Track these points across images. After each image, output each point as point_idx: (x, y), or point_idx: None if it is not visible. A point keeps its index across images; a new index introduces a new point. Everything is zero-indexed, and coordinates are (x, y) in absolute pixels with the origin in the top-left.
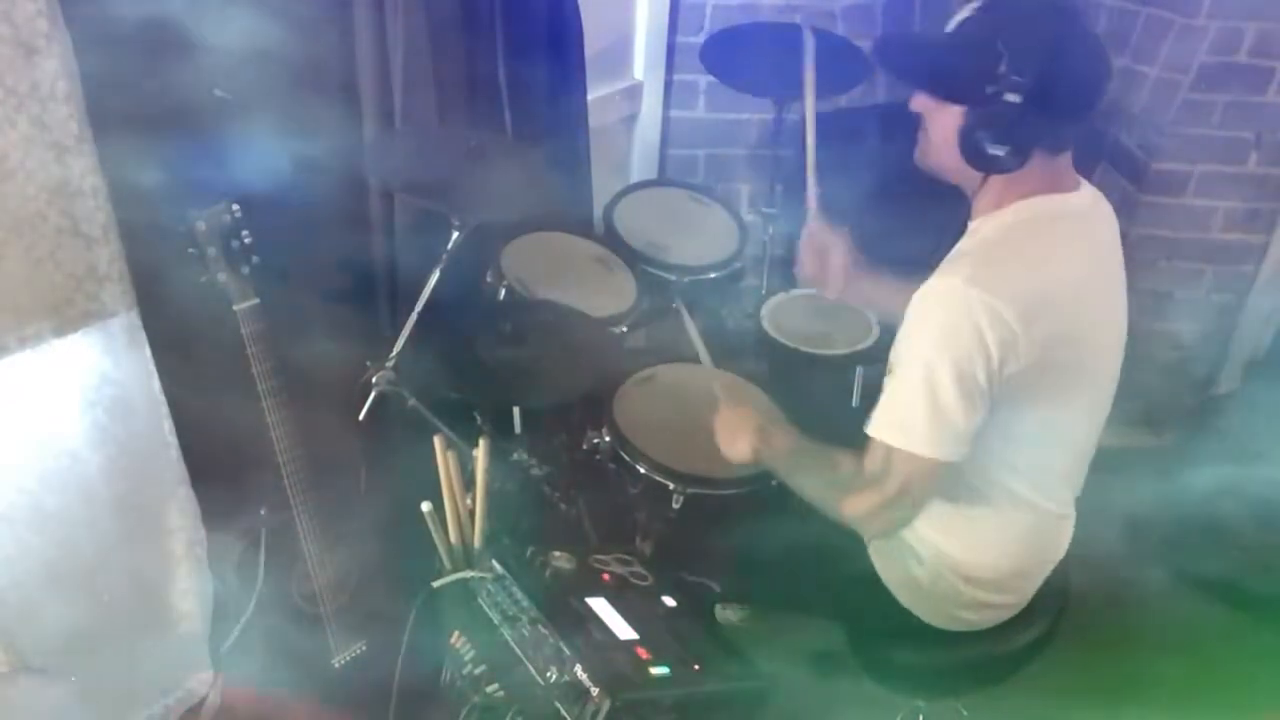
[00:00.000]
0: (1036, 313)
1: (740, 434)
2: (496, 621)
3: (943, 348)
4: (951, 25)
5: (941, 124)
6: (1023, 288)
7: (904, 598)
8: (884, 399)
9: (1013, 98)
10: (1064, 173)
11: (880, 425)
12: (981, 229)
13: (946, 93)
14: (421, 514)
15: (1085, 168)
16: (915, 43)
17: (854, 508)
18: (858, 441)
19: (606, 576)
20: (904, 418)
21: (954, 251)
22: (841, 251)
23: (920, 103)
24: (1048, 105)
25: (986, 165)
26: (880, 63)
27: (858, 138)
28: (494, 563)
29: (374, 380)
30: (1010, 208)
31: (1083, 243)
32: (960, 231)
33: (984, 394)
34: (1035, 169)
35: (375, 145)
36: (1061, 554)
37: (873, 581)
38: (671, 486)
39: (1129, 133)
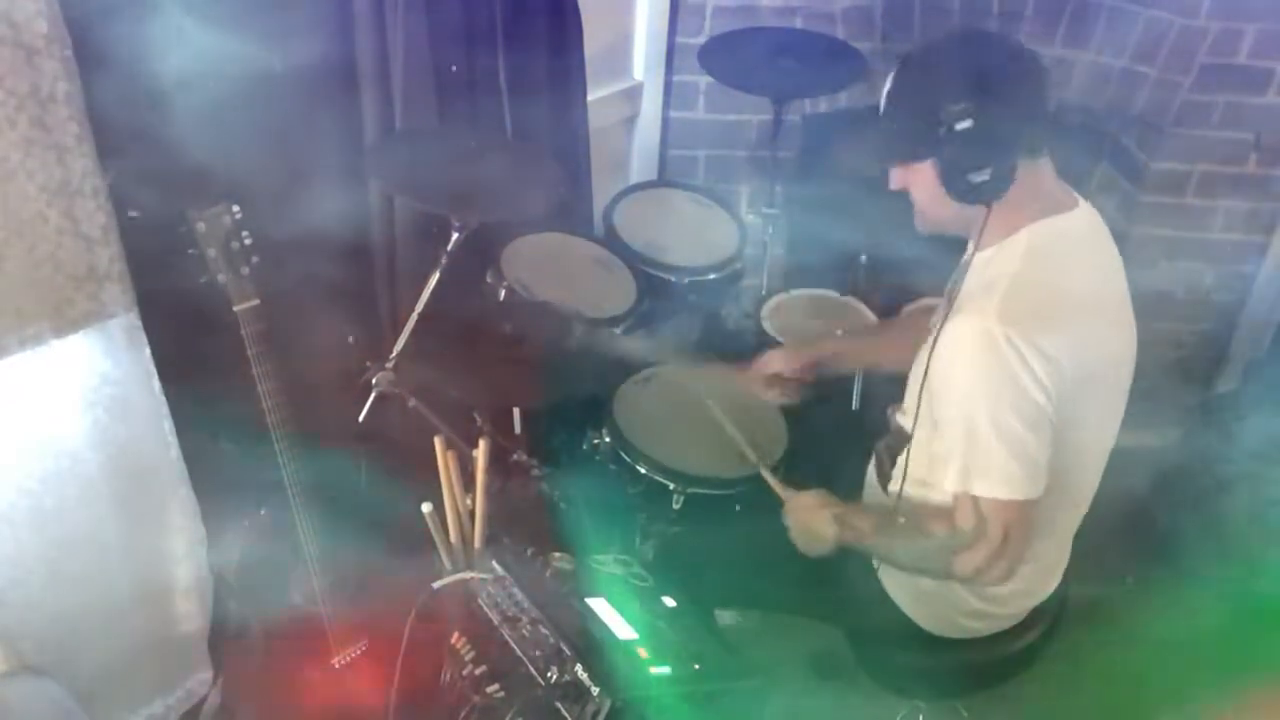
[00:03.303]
0: (1064, 338)
1: (817, 529)
2: (497, 622)
3: (995, 390)
4: (882, 104)
5: (921, 184)
6: (1054, 315)
7: (903, 603)
8: (954, 450)
9: (965, 124)
10: (1057, 190)
11: (962, 479)
12: (994, 261)
13: (908, 154)
14: (421, 514)
15: (1085, 168)
16: (863, 133)
17: (966, 567)
18: (859, 440)
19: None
20: (985, 465)
21: (970, 288)
22: (783, 362)
23: (896, 178)
24: (999, 111)
25: (980, 195)
26: (855, 164)
27: (856, 136)
28: (494, 563)
29: (374, 380)
30: (1018, 235)
31: (1091, 261)
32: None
33: (1049, 419)
34: (1027, 187)
35: (376, 146)
36: (1063, 570)
37: (873, 584)
38: (671, 486)
39: (1129, 133)
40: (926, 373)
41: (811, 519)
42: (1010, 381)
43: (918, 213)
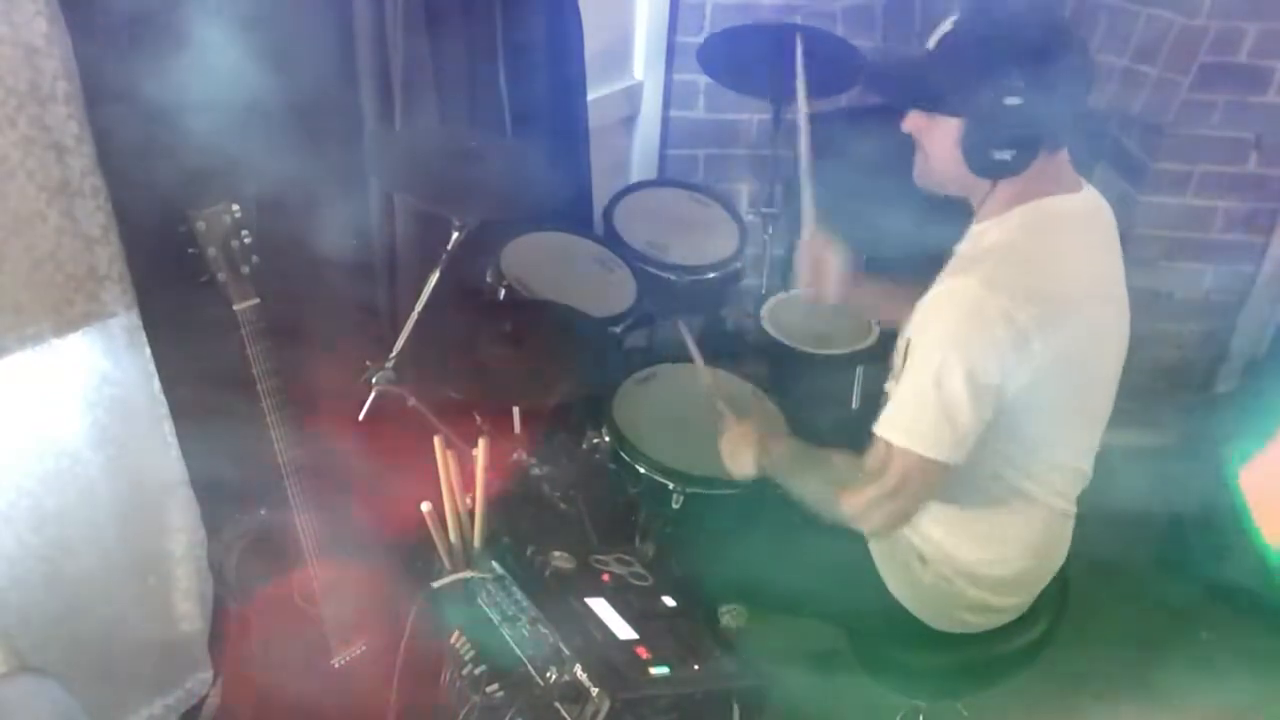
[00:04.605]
0: (1050, 316)
1: (742, 448)
2: (496, 621)
3: (958, 349)
4: (933, 42)
5: (939, 139)
6: (1037, 291)
7: (905, 599)
8: (895, 398)
9: (1013, 100)
10: (1065, 172)
11: (886, 423)
12: (989, 233)
13: (944, 107)
14: (421, 514)
15: (1085, 168)
16: (902, 64)
17: (851, 502)
18: (858, 442)
19: (606, 576)
20: (910, 417)
21: (961, 255)
22: (838, 260)
23: (913, 122)
24: (1045, 102)
25: (994, 171)
26: (872, 90)
27: (859, 136)
28: (493, 563)
29: (374, 380)
30: (1017, 210)
31: (1089, 244)
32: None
33: (994, 397)
34: (1038, 170)
35: (375, 145)
36: (1064, 557)
37: (873, 582)
38: (671, 486)
39: (1129, 133)
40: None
41: (739, 445)
42: (974, 345)
43: (921, 165)
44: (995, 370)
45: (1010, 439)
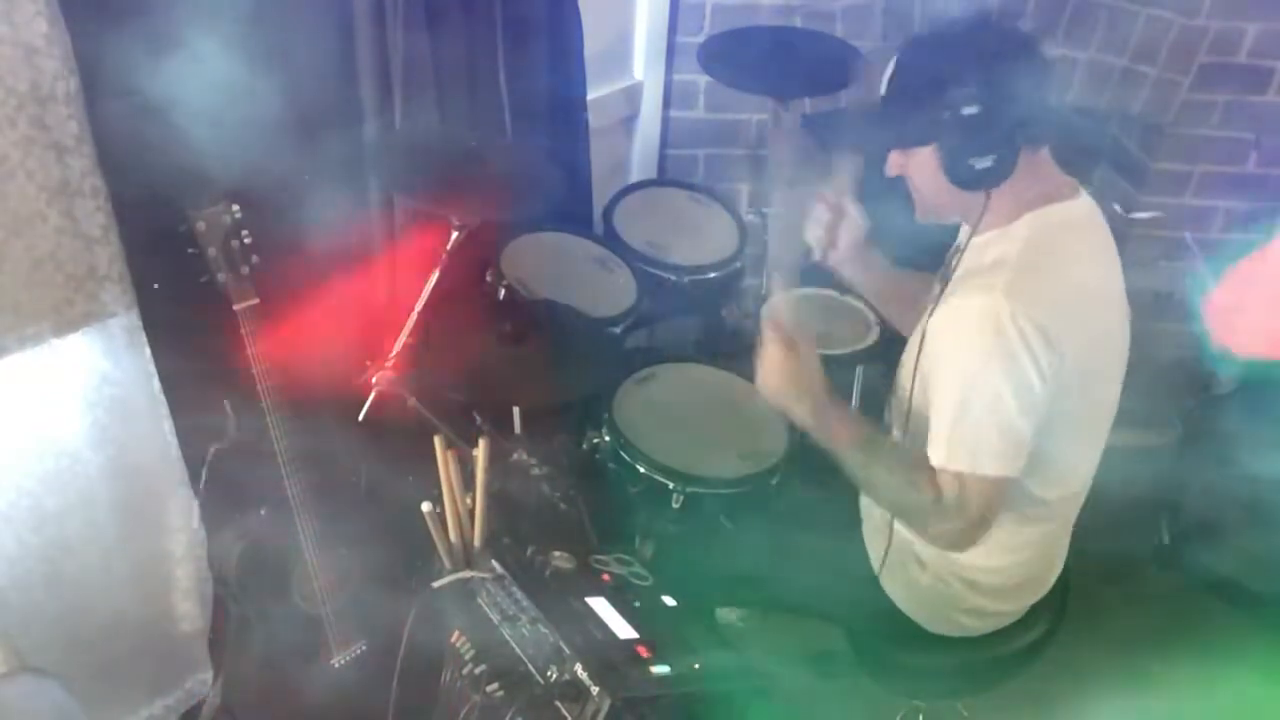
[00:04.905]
0: (1068, 323)
1: (797, 398)
2: (496, 621)
3: (996, 364)
4: (884, 88)
5: (921, 170)
6: (1055, 299)
7: (901, 600)
8: (944, 424)
9: (970, 109)
10: (1057, 178)
11: (947, 453)
12: (992, 245)
13: (912, 139)
14: (421, 514)
15: (1085, 168)
16: (861, 116)
17: (939, 535)
18: None
19: (606, 576)
20: (973, 441)
21: (968, 270)
22: (858, 225)
23: (894, 163)
24: (1002, 99)
25: (981, 182)
26: (840, 145)
27: (856, 120)
28: (493, 563)
29: (373, 380)
30: (1021, 221)
31: (1091, 250)
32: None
33: (1040, 404)
34: (1026, 173)
35: (375, 145)
36: (1062, 565)
37: (872, 584)
38: (671, 486)
39: (1129, 133)
40: (920, 354)
41: (792, 384)
42: (1011, 360)
43: (917, 200)
44: (1037, 378)
45: (1032, 449)
